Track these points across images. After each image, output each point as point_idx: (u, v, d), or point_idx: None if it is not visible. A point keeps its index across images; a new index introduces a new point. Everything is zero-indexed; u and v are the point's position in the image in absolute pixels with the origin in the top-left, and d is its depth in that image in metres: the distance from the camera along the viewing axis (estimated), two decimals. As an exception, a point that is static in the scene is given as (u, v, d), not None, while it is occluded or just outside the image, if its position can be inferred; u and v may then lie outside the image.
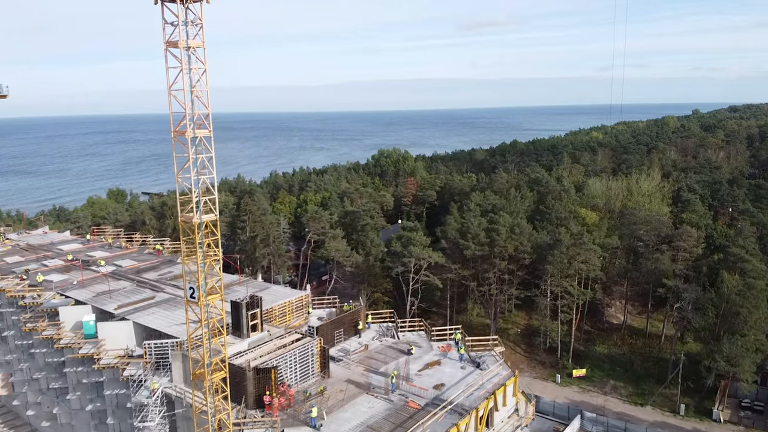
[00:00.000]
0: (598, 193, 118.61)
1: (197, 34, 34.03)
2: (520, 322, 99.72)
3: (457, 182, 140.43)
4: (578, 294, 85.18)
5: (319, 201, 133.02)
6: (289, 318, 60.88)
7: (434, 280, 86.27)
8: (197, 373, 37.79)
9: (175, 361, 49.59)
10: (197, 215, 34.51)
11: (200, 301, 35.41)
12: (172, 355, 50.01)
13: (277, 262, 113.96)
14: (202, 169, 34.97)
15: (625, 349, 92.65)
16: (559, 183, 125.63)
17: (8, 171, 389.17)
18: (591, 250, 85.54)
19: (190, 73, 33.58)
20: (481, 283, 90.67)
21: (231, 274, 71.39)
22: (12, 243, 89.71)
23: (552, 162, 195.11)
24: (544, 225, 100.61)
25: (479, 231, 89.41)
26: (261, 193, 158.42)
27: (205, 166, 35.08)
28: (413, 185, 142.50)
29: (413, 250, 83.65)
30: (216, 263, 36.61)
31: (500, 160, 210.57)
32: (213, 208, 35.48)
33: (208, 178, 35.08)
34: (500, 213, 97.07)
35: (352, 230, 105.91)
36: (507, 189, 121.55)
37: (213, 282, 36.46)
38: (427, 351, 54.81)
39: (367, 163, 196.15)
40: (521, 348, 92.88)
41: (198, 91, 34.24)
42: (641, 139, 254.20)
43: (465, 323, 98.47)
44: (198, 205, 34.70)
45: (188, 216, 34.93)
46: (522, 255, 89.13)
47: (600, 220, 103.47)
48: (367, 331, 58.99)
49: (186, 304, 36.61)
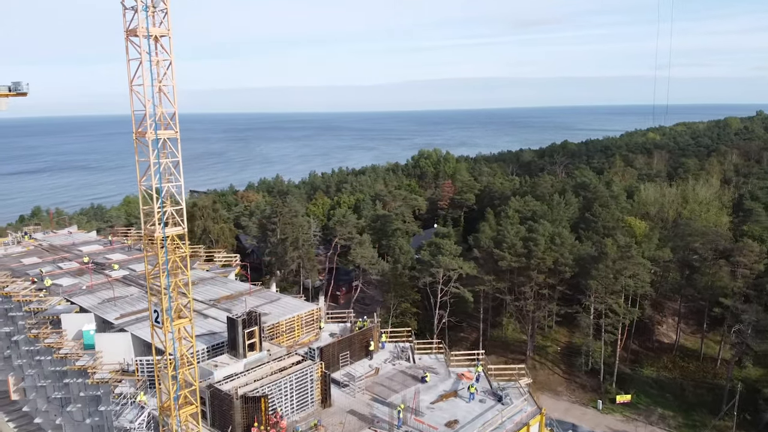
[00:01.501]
0: (650, 200, 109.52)
1: (162, 21, 29.46)
2: (561, 340, 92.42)
3: (498, 185, 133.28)
4: (624, 313, 77.55)
5: (353, 203, 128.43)
6: (297, 334, 56.23)
7: (464, 292, 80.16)
8: (165, 406, 33.32)
9: (165, 381, 45.52)
10: (160, 229, 29.94)
11: (164, 326, 30.84)
12: (162, 375, 45.93)
13: (307, 265, 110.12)
14: (168, 176, 30.43)
15: (675, 373, 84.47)
16: (608, 188, 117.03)
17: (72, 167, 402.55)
18: (640, 265, 77.80)
19: (150, 65, 28.95)
20: (517, 297, 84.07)
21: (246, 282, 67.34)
22: (35, 243, 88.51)
23: (603, 164, 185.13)
24: (589, 235, 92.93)
25: (516, 240, 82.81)
26: (298, 193, 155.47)
27: (171, 172, 30.52)
28: (450, 188, 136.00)
29: (442, 259, 77.81)
30: (183, 283, 31.98)
31: (548, 162, 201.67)
32: (180, 220, 30.86)
33: (175, 186, 30.48)
34: (540, 221, 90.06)
35: (383, 235, 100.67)
36: (550, 194, 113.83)
37: (181, 305, 31.85)
38: (444, 379, 49.07)
39: (406, 164, 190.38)
40: (560, 368, 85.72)
41: (163, 87, 29.66)
42: (701, 141, 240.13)
43: (500, 339, 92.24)
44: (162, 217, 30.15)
45: (150, 229, 30.46)
46: (562, 268, 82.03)
47: (651, 230, 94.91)
48: (381, 352, 53.65)
49: (151, 329, 32.14)
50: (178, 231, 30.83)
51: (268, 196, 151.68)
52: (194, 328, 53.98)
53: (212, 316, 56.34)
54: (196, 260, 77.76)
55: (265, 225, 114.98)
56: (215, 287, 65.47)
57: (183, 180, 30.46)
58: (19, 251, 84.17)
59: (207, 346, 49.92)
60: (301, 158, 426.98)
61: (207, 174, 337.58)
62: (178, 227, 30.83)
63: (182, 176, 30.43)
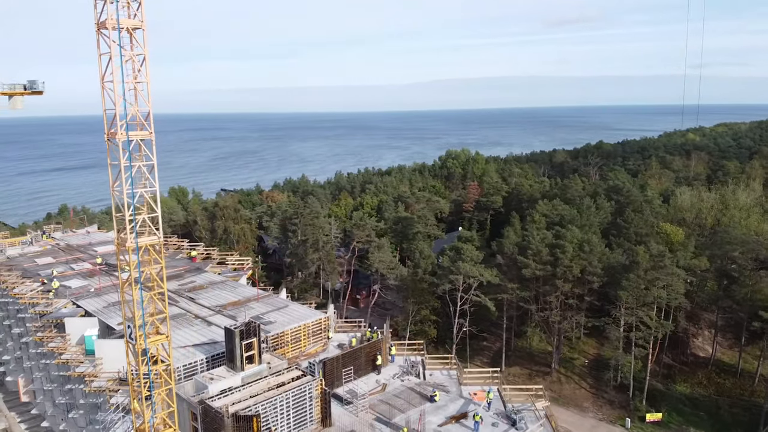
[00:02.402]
0: (686, 205, 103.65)
1: (136, 13, 26.97)
2: (589, 352, 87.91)
3: (527, 187, 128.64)
4: (656, 326, 72.83)
5: (376, 204, 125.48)
6: (304, 344, 53.69)
7: (485, 301, 76.50)
8: (140, 429, 30.91)
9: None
10: (132, 238, 27.47)
11: (136, 344, 28.39)
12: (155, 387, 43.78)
13: (327, 267, 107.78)
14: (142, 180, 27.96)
15: (710, 390, 79.28)
16: (643, 192, 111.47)
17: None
18: (674, 275, 72.94)
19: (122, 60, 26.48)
20: (542, 307, 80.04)
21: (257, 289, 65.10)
22: (53, 242, 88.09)
23: (639, 166, 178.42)
24: (621, 242, 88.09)
25: (541, 247, 78.73)
26: (322, 194, 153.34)
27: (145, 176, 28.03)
28: (476, 190, 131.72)
29: (462, 266, 74.26)
30: (160, 297, 29.48)
31: (582, 163, 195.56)
32: (155, 229, 28.36)
33: (149, 192, 27.98)
34: (568, 226, 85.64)
35: (403, 238, 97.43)
36: (581, 197, 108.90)
37: (157, 320, 29.38)
38: (454, 398, 45.82)
39: (433, 164, 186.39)
40: (587, 382, 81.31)
41: (137, 84, 27.17)
42: (743, 142, 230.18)
43: (524, 349, 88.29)
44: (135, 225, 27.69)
45: (123, 238, 28.04)
46: (591, 277, 77.66)
47: (687, 237, 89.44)
48: (390, 366, 50.70)
49: (126, 346, 29.75)
50: (153, 241, 28.33)
51: (292, 196, 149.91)
52: (196, 336, 52.43)
53: (216, 323, 54.12)
54: (209, 263, 76.07)
55: (286, 226, 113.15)
56: (224, 292, 63.40)
57: (158, 185, 27.95)
58: (36, 251, 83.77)
59: (206, 357, 47.77)
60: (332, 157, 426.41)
61: (245, 172, 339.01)
62: (152, 236, 28.32)
63: (157, 181, 27.92)
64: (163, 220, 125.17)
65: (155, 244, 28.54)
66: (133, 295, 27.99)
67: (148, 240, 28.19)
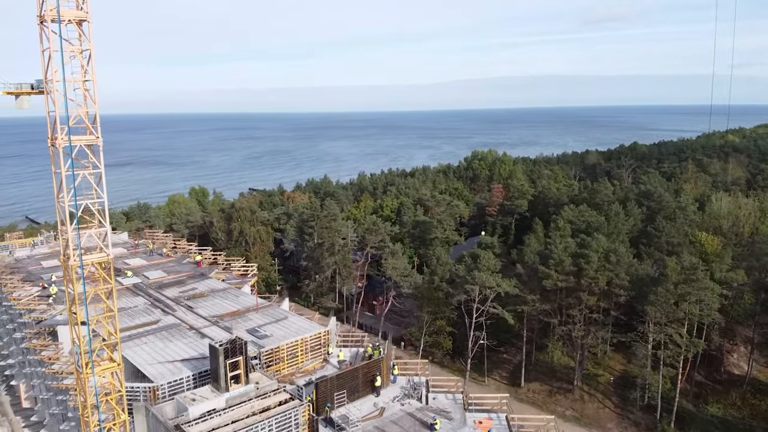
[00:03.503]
0: (723, 213, 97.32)
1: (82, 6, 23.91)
2: (615, 368, 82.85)
3: (554, 191, 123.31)
4: (687, 344, 67.63)
5: (396, 207, 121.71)
6: (301, 360, 50.36)
7: (503, 313, 72.21)
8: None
9: (137, 415, 40.49)
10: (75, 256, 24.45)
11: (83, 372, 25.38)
12: (135, 408, 41.00)
13: (343, 272, 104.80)
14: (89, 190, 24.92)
15: (745, 412, 73.64)
16: (677, 197, 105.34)
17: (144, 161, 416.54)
18: (707, 289, 67.60)
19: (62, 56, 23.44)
20: (564, 320, 75.41)
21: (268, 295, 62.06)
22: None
23: (675, 169, 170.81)
24: (651, 252, 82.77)
25: (564, 256, 74.07)
26: (344, 195, 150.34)
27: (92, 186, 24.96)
28: (500, 193, 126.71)
29: (478, 275, 70.12)
30: (110, 320, 26.43)
31: (615, 165, 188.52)
32: (104, 245, 25.29)
33: (97, 204, 24.92)
34: (594, 234, 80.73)
35: (421, 243, 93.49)
36: (610, 202, 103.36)
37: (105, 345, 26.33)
38: (457, 427, 41.93)
39: (458, 165, 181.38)
40: (612, 401, 76.36)
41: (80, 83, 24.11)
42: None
43: (546, 364, 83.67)
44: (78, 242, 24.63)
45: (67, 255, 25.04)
46: (617, 290, 72.70)
47: (723, 247, 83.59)
48: (390, 388, 47.02)
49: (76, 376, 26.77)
50: (102, 258, 25.27)
51: (314, 197, 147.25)
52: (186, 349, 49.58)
53: (210, 335, 51.14)
54: (214, 268, 73.50)
55: (302, 228, 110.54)
56: (224, 301, 60.56)
57: (107, 196, 24.86)
58: (44, 252, 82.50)
59: (193, 374, 44.65)
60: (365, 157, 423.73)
61: (280, 171, 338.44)
62: (101, 253, 25.26)
63: (105, 192, 24.83)
64: (181, 220, 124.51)
65: (103, 262, 25.49)
66: (77, 318, 25.02)
67: (97, 257, 25.17)
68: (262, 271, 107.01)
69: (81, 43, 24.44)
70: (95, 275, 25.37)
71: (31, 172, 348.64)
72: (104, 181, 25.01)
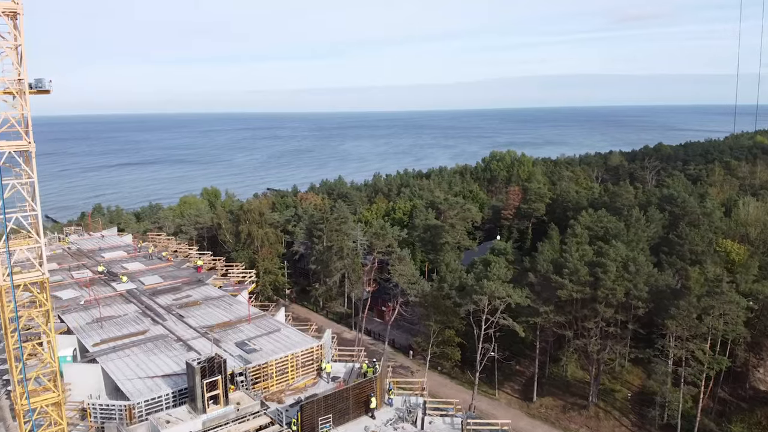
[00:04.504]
0: (750, 219, 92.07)
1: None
2: (634, 382, 78.60)
3: (572, 194, 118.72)
4: (710, 362, 63.27)
5: (408, 210, 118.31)
6: (291, 376, 47.43)
7: (513, 325, 68.51)
8: None
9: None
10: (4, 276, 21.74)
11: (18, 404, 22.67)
12: (107, 428, 38.49)
13: (351, 276, 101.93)
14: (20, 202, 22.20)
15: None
16: (701, 202, 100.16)
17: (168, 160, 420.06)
18: (732, 303, 63.14)
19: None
20: (580, 333, 71.41)
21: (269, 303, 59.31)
22: (66, 246, 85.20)
23: (701, 171, 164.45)
24: (673, 261, 78.27)
25: (579, 265, 70.09)
26: (358, 196, 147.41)
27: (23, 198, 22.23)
28: (517, 196, 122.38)
29: (487, 285, 66.52)
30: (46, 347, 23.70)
31: (639, 166, 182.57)
32: (39, 263, 22.54)
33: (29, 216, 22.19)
34: (613, 242, 76.51)
35: (432, 248, 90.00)
36: (630, 207, 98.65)
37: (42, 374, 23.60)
38: (452, 456, 38.60)
39: (476, 166, 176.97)
40: (629, 419, 72.18)
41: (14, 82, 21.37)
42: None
43: (560, 378, 79.73)
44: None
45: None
46: (635, 302, 68.53)
47: (750, 256, 78.73)
48: (384, 410, 43.82)
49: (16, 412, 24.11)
50: (36, 277, 22.55)
51: (327, 199, 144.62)
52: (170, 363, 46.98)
53: (197, 348, 48.49)
54: (212, 274, 71.07)
55: (312, 231, 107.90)
56: (217, 310, 57.94)
57: (40, 208, 22.12)
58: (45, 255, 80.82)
59: (173, 391, 41.94)
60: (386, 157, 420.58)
61: (304, 171, 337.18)
62: (35, 272, 22.55)
63: (39, 204, 22.09)
64: (190, 222, 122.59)
65: (37, 281, 22.80)
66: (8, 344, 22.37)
67: (29, 277, 22.50)
68: (270, 275, 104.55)
69: (15, 39, 21.74)
70: (31, 297, 22.73)
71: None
72: (37, 192, 22.33)
